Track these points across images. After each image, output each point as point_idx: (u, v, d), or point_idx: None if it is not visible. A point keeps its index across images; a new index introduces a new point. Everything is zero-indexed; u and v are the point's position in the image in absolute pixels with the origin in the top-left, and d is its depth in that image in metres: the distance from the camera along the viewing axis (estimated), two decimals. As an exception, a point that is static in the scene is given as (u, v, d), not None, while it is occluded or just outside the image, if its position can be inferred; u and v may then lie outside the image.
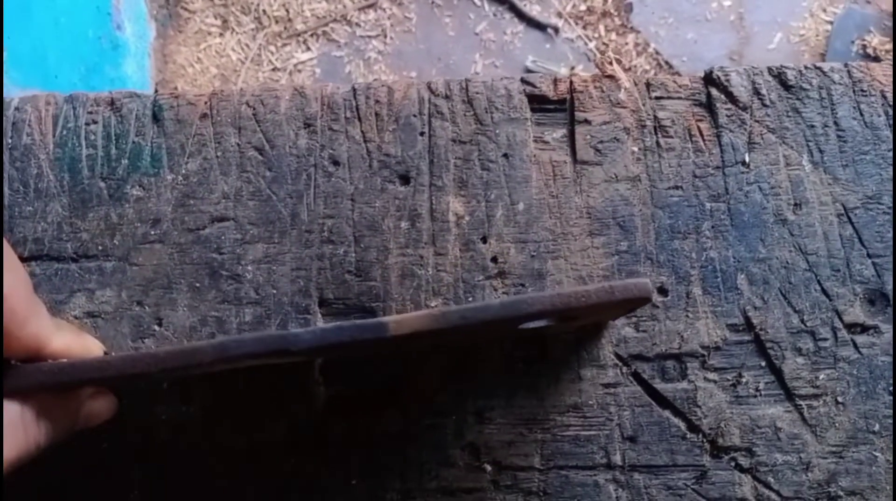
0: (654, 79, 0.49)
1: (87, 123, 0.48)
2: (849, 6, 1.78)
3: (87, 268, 0.45)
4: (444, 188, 0.47)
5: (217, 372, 0.40)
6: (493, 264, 0.46)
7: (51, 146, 0.47)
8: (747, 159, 0.47)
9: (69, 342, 0.37)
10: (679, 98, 0.48)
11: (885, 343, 0.44)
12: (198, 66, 1.73)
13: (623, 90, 0.48)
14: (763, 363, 0.44)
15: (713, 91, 0.48)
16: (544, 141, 0.48)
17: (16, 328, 0.34)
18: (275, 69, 1.75)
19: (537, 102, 0.48)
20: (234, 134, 0.47)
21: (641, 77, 0.49)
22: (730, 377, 0.44)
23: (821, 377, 0.44)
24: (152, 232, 0.46)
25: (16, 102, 0.48)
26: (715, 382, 0.44)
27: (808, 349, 0.44)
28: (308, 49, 1.78)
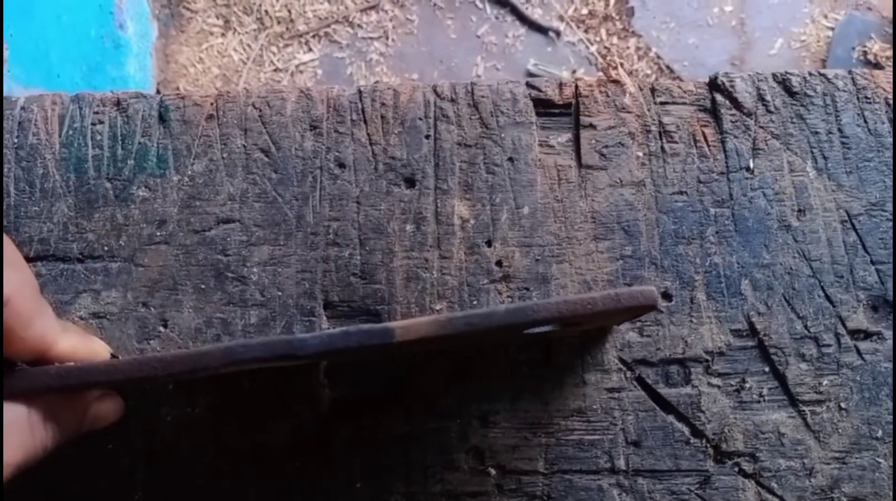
0: (659, 84, 0.49)
1: (94, 124, 0.48)
2: (850, 13, 1.79)
3: (92, 269, 0.45)
4: (449, 192, 0.47)
5: (222, 374, 0.40)
6: (498, 267, 0.46)
7: (57, 146, 0.47)
8: (751, 165, 0.47)
9: (75, 343, 0.37)
10: (684, 103, 0.48)
11: (888, 350, 0.45)
12: (199, 66, 1.74)
13: (628, 95, 0.48)
14: (767, 369, 0.44)
15: (718, 97, 0.48)
16: (549, 145, 0.48)
17: (21, 329, 0.34)
18: (276, 70, 1.76)
19: (543, 107, 0.48)
20: (240, 136, 0.47)
21: (646, 82, 0.49)
22: (733, 383, 0.44)
23: (824, 382, 0.44)
24: (158, 233, 0.46)
25: (22, 102, 0.48)
26: (719, 387, 0.44)
27: (812, 354, 0.45)
28: (310, 50, 1.78)
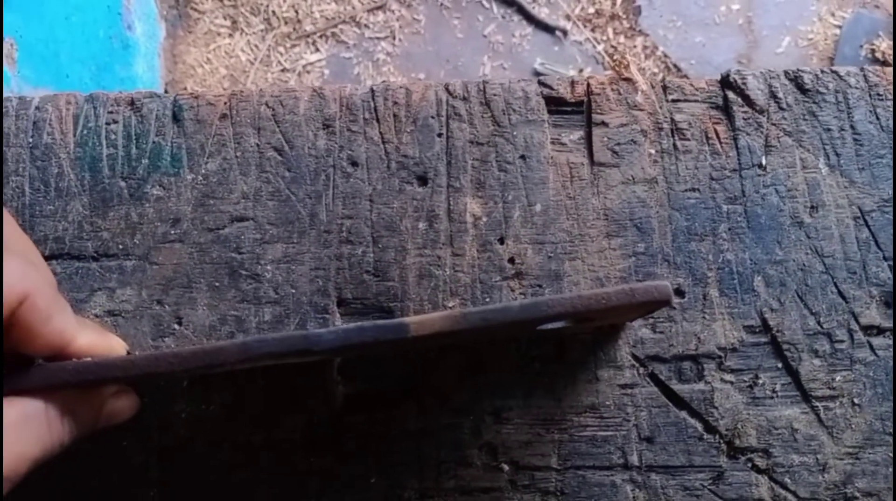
0: (671, 81, 0.49)
1: (108, 123, 0.48)
2: (857, 11, 1.78)
3: (107, 267, 0.46)
4: (461, 189, 0.47)
5: (237, 370, 0.40)
6: (511, 265, 0.46)
7: (71, 146, 0.47)
8: (764, 162, 0.47)
9: (93, 340, 0.37)
10: (696, 101, 0.48)
11: (901, 346, 0.45)
12: (207, 66, 1.74)
13: (640, 93, 0.48)
14: (780, 365, 0.44)
15: (730, 94, 0.48)
16: (561, 143, 0.48)
17: (40, 324, 0.34)
18: (284, 70, 1.76)
19: (554, 104, 0.48)
20: (254, 134, 0.48)
21: (657, 80, 0.49)
22: (746, 379, 0.44)
23: (837, 378, 0.44)
24: (172, 231, 0.46)
25: (36, 102, 0.48)
26: (732, 383, 0.44)
27: (825, 350, 0.45)
28: (317, 50, 1.78)
